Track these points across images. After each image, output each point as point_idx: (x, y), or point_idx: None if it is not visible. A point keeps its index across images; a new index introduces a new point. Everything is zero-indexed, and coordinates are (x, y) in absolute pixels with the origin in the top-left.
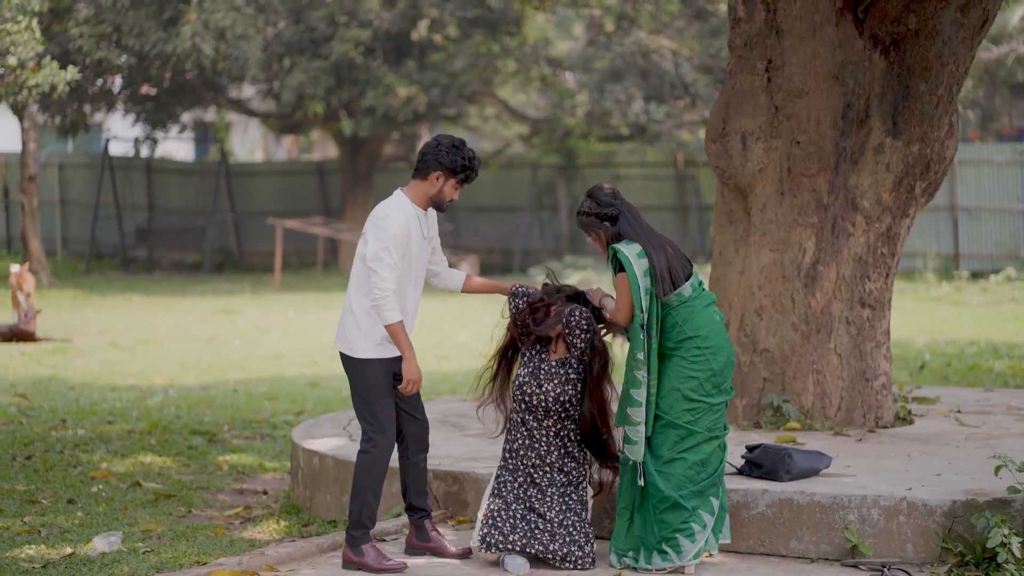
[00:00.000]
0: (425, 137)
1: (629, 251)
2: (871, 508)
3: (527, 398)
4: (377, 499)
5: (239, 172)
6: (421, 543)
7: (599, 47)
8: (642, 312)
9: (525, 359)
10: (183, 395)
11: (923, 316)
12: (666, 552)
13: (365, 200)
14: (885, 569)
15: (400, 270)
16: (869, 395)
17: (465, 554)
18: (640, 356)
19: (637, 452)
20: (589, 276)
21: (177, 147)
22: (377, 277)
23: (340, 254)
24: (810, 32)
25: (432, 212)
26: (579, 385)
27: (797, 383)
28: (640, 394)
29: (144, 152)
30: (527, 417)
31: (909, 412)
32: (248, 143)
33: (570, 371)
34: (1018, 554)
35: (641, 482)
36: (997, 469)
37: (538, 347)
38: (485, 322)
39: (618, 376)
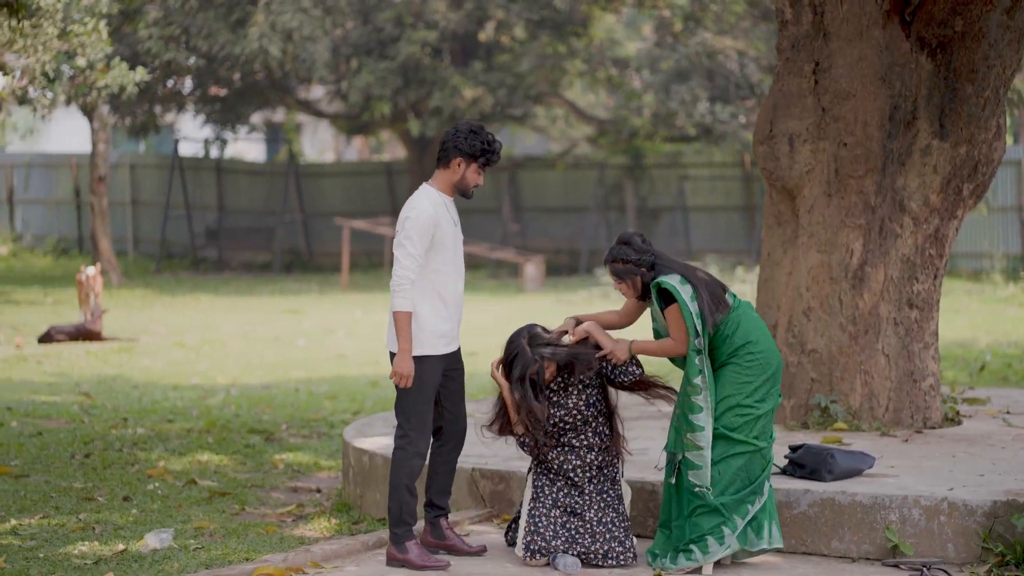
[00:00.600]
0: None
1: (671, 280)
2: (912, 508)
3: (561, 423)
4: (414, 496)
5: (308, 173)
6: (435, 541)
7: (665, 48)
8: (697, 336)
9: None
10: (244, 394)
11: (988, 317)
12: (691, 552)
13: None
14: (925, 569)
15: (421, 260)
16: (917, 396)
17: (480, 552)
18: (697, 381)
19: (704, 476)
20: None
21: (248, 148)
22: (397, 265)
23: None
24: (857, 34)
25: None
26: (596, 380)
27: (845, 384)
28: (701, 419)
29: (214, 153)
30: (568, 436)
31: (957, 413)
32: (318, 144)
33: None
34: None
35: (673, 480)
36: None
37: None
38: (551, 323)
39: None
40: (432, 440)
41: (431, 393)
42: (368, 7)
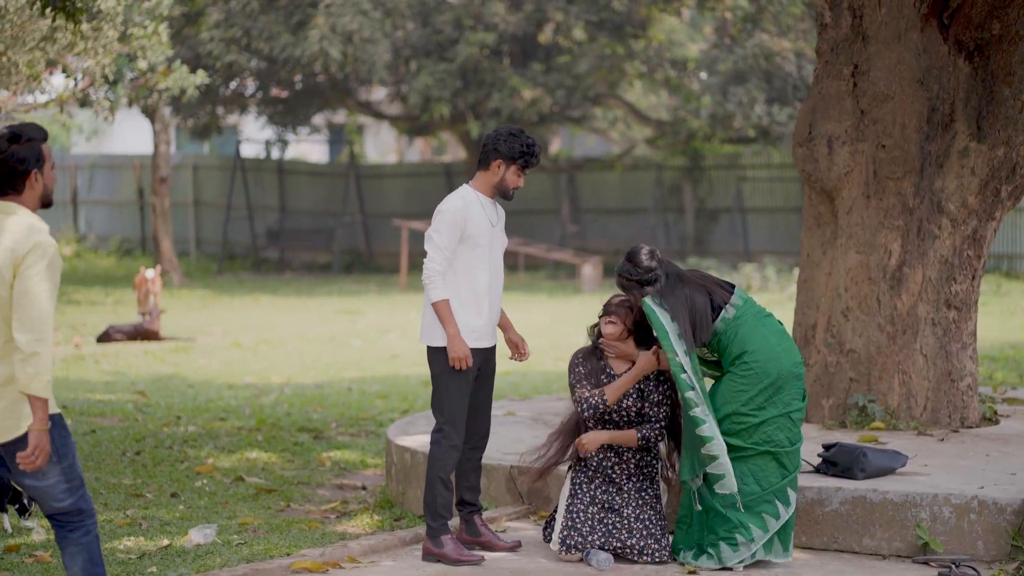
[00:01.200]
0: (556, 139)
1: (652, 301)
2: (942, 506)
3: (607, 415)
4: (450, 490)
5: (369, 174)
6: (470, 538)
7: (723, 49)
8: (675, 355)
9: (589, 378)
10: (297, 393)
11: None
12: (711, 555)
13: None
14: (954, 566)
15: (449, 254)
16: (955, 395)
17: (515, 547)
18: (690, 396)
19: (730, 483)
20: None
21: (311, 149)
22: (426, 258)
23: None
24: (895, 38)
25: (498, 205)
26: (656, 396)
27: (883, 383)
28: (706, 429)
29: (275, 154)
30: (607, 427)
31: (995, 412)
32: (381, 145)
33: (644, 386)
34: None
35: (698, 507)
36: None
37: (601, 364)
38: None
39: None
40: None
41: (464, 387)
42: (427, 9)
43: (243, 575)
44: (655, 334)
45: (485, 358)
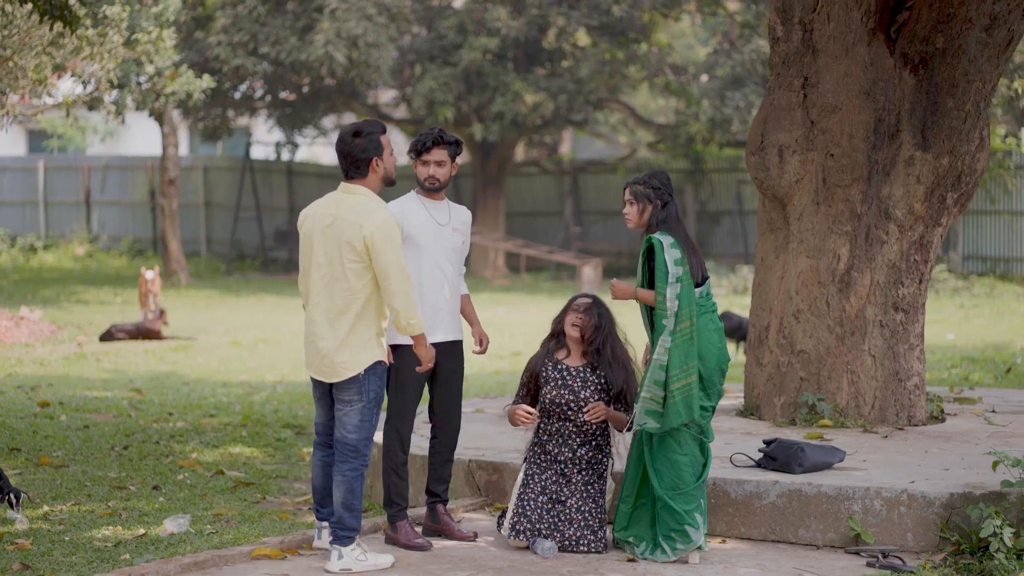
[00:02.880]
0: (565, 142)
1: (664, 240)
2: (874, 499)
3: (565, 410)
4: (402, 479)
5: None
6: (432, 525)
7: (722, 54)
8: (664, 299)
9: (548, 374)
10: (289, 391)
11: None
12: (663, 548)
13: (496, 203)
14: (881, 555)
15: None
16: (902, 395)
17: (471, 537)
18: (664, 339)
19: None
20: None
21: (324, 151)
22: None
23: (472, 256)
24: (843, 51)
25: (456, 206)
26: (609, 389)
27: (832, 383)
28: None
29: (285, 156)
30: (566, 424)
31: (942, 411)
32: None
33: (599, 378)
34: (1009, 543)
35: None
36: (995, 464)
37: (556, 360)
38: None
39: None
40: (430, 435)
41: (411, 382)
42: (432, 14)
43: (205, 560)
44: (654, 270)
45: (439, 353)
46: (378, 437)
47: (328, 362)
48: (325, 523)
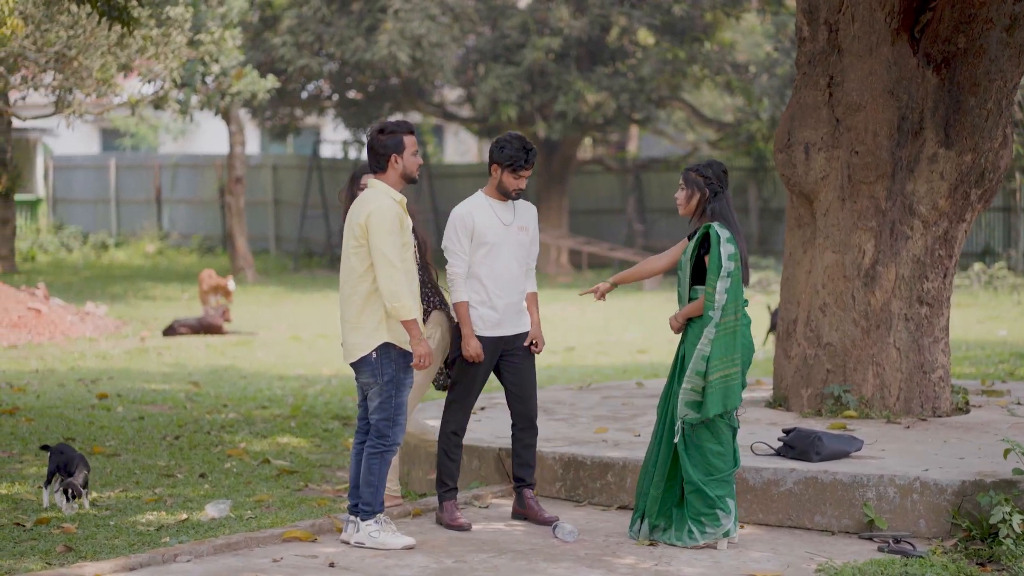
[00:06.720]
0: (632, 140)
1: (722, 233)
2: (887, 487)
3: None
4: (453, 461)
5: (441, 173)
6: (520, 509)
7: (782, 53)
8: (714, 291)
9: None
10: (343, 384)
11: None
12: (691, 532)
13: (559, 201)
14: (892, 541)
15: (465, 255)
16: (927, 387)
17: (553, 520)
18: (709, 330)
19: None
20: (769, 276)
21: None
22: (447, 264)
23: None
24: (868, 51)
25: (521, 204)
26: None
27: (858, 375)
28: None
29: (353, 154)
30: None
31: (967, 403)
32: (460, 145)
33: None
34: (1018, 530)
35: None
36: (1006, 453)
37: None
38: (657, 321)
39: None
40: (511, 422)
41: (474, 371)
42: (495, 14)
43: (237, 542)
44: (704, 257)
45: (506, 345)
46: (417, 428)
47: (344, 343)
48: (355, 518)
